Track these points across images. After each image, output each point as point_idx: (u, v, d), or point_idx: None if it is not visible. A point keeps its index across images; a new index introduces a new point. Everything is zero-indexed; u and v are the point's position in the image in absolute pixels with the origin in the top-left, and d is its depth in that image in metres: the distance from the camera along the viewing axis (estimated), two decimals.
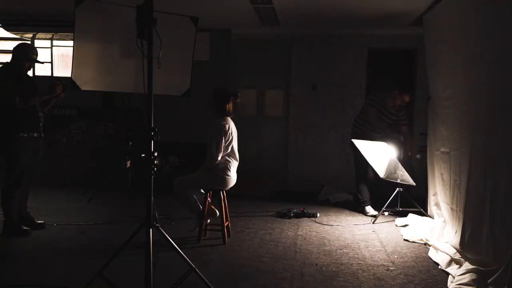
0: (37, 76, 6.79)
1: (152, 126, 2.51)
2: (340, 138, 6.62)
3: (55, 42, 6.97)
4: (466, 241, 3.37)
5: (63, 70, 6.96)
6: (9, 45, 7.10)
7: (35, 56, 4.00)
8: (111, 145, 6.55)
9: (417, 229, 4.32)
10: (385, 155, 4.93)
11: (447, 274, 3.23)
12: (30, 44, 4.20)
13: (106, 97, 6.29)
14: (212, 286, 2.67)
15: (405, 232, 4.34)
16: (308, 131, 6.73)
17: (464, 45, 3.66)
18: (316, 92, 6.68)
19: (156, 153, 2.51)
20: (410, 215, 4.77)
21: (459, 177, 3.69)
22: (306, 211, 5.02)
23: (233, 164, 3.98)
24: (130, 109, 5.69)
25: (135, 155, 5.37)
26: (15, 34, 6.94)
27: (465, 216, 3.45)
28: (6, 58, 6.76)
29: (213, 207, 4.06)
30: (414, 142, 6.25)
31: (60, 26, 6.51)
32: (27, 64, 3.97)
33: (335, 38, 6.58)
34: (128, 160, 5.38)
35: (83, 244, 3.81)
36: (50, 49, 6.96)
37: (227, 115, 3.97)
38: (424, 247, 3.94)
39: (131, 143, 5.56)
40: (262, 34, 6.69)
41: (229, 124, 3.94)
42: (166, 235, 2.60)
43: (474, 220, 3.27)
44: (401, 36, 6.41)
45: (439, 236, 3.93)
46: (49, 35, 6.93)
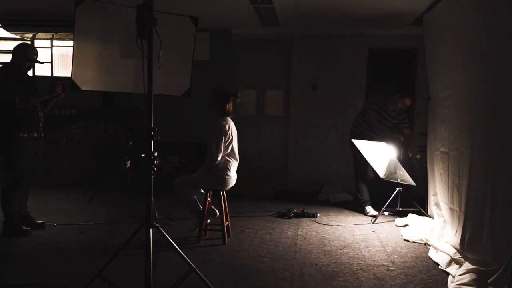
0: (37, 76, 6.79)
1: (152, 126, 2.51)
2: (340, 138, 6.62)
3: (55, 42, 6.97)
4: (466, 241, 3.37)
5: (63, 70, 6.95)
6: (9, 45, 7.10)
7: (35, 56, 4.00)
8: (111, 145, 6.55)
9: (417, 229, 4.32)
10: (385, 155, 4.93)
11: (447, 274, 3.23)
12: (30, 44, 4.20)
13: (106, 97, 6.30)
14: (212, 286, 2.67)
15: (405, 232, 4.34)
16: (308, 131, 6.73)
17: (464, 45, 3.66)
18: (316, 92, 6.68)
19: (156, 153, 2.51)
20: (410, 215, 4.77)
21: (459, 177, 3.69)
22: (306, 211, 5.02)
23: (233, 164, 3.98)
24: (130, 109, 5.70)
25: (135, 155, 5.37)
26: (15, 34, 6.94)
27: (465, 216, 3.45)
28: (6, 58, 6.76)
29: (213, 207, 4.06)
30: (414, 142, 6.25)
31: (60, 26, 6.51)
32: (27, 64, 3.97)
33: (335, 38, 6.59)
34: (128, 160, 5.38)
35: (83, 244, 3.81)
36: (50, 49, 6.96)
37: (227, 115, 3.97)
38: (424, 247, 3.94)
39: (131, 143, 5.56)
40: (262, 34, 6.69)
41: (229, 124, 3.94)
42: (166, 235, 2.60)
43: (474, 220, 3.27)
44: (401, 36, 6.41)
45: (439, 236, 3.93)
46: (49, 35, 6.93)
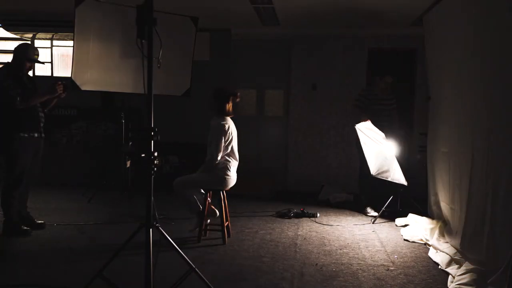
0: (37, 76, 6.79)
1: (152, 126, 2.51)
2: (340, 138, 6.62)
3: (55, 42, 6.97)
4: (466, 241, 3.37)
5: (63, 70, 6.95)
6: (9, 45, 7.10)
7: (36, 56, 4.00)
8: (111, 145, 6.55)
9: (417, 229, 4.32)
10: (382, 151, 4.89)
11: (447, 274, 3.23)
12: (31, 44, 4.20)
13: (106, 97, 6.29)
14: (212, 286, 2.67)
15: (405, 232, 4.34)
16: (308, 131, 6.73)
17: (464, 44, 3.66)
18: (316, 92, 6.68)
19: (156, 153, 2.51)
20: (410, 215, 4.77)
21: (459, 177, 3.69)
22: (306, 211, 5.02)
23: (233, 164, 3.98)
24: (130, 109, 5.70)
25: (135, 155, 5.37)
26: (15, 34, 6.94)
27: (465, 216, 3.45)
28: (6, 58, 6.76)
29: (213, 207, 4.06)
30: (415, 142, 6.26)
31: (60, 26, 6.51)
32: (28, 64, 3.97)
33: (335, 38, 6.59)
34: (128, 160, 5.38)
35: (83, 244, 3.81)
36: (50, 49, 6.96)
37: (227, 115, 3.97)
38: (424, 247, 3.94)
39: (131, 143, 5.56)
40: (262, 34, 6.69)
41: (229, 124, 3.94)
42: (166, 235, 2.60)
43: (474, 220, 3.27)
44: (401, 36, 6.41)
45: (439, 236, 3.93)
46: (49, 35, 6.93)
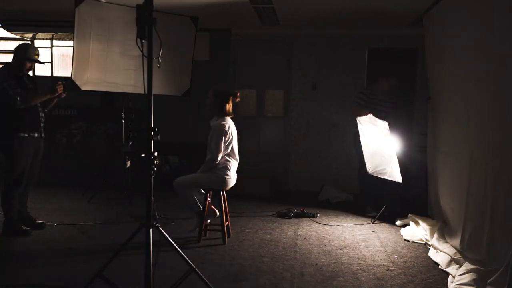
0: (37, 76, 6.79)
1: (152, 126, 2.51)
2: (340, 138, 6.62)
3: (55, 42, 6.97)
4: (466, 241, 3.37)
5: (63, 70, 6.95)
6: (9, 45, 7.10)
7: (36, 56, 4.00)
8: (111, 145, 6.55)
9: (417, 229, 4.32)
10: (380, 149, 4.78)
11: (447, 274, 3.23)
12: (31, 44, 4.20)
13: (106, 97, 6.29)
14: (212, 286, 2.67)
15: (405, 232, 4.34)
16: (308, 131, 6.73)
17: (464, 44, 3.66)
18: (316, 92, 6.68)
19: (156, 153, 2.51)
20: (410, 215, 4.76)
21: (459, 177, 3.69)
22: (306, 211, 5.02)
23: (233, 164, 3.98)
24: (130, 109, 5.70)
25: (135, 155, 5.37)
26: (15, 34, 6.94)
27: (465, 216, 3.45)
28: (6, 58, 6.76)
29: (213, 207, 4.06)
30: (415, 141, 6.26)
31: (60, 26, 6.51)
32: (28, 64, 3.97)
33: (335, 38, 6.59)
34: (128, 160, 5.38)
35: (83, 244, 3.81)
36: (50, 49, 6.96)
37: (227, 115, 3.97)
38: (424, 247, 3.94)
39: (131, 143, 5.56)
40: (262, 34, 6.69)
41: (229, 124, 3.94)
42: (166, 235, 2.60)
43: (474, 220, 3.27)
44: (401, 36, 6.41)
45: (439, 236, 3.93)
46: (49, 35, 6.93)
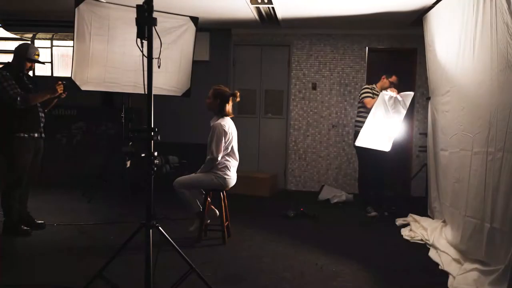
0: (37, 76, 6.79)
1: (152, 126, 2.51)
2: (340, 138, 6.63)
3: (55, 42, 6.97)
4: (466, 241, 3.37)
5: (63, 70, 6.96)
6: (9, 45, 7.10)
7: (36, 56, 4.00)
8: (111, 145, 6.55)
9: (417, 229, 4.32)
10: (384, 126, 4.79)
11: (447, 274, 3.23)
12: (31, 44, 4.19)
13: (106, 97, 6.29)
14: (212, 286, 2.67)
15: (405, 232, 4.34)
16: (308, 131, 6.73)
17: (464, 44, 3.66)
18: (316, 92, 6.68)
19: (156, 153, 2.51)
20: (410, 215, 4.77)
21: (459, 177, 3.69)
22: (306, 211, 5.02)
23: (233, 164, 3.98)
24: (130, 109, 5.69)
25: (135, 155, 5.37)
26: (15, 34, 6.94)
27: (465, 216, 3.45)
28: (6, 58, 6.76)
29: (213, 207, 4.06)
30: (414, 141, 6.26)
31: (60, 26, 6.52)
32: (28, 64, 3.96)
33: (335, 38, 6.59)
34: (128, 160, 5.38)
35: (83, 244, 3.81)
36: (50, 49, 6.96)
37: (227, 115, 3.97)
38: (424, 247, 3.94)
39: (131, 143, 5.56)
40: (262, 34, 6.70)
41: (228, 124, 3.94)
42: (166, 235, 2.60)
43: (474, 220, 3.27)
44: (401, 36, 6.42)
45: (439, 236, 3.93)
46: (49, 35, 6.93)
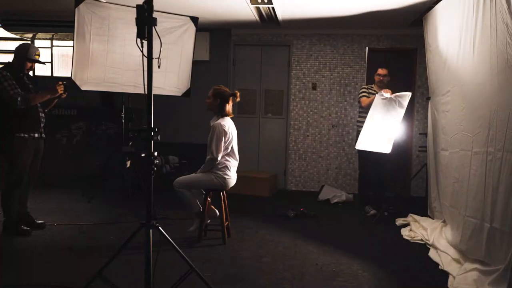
0: (37, 76, 6.79)
1: (152, 126, 2.51)
2: (340, 138, 6.63)
3: (55, 42, 6.97)
4: (466, 241, 3.37)
5: (63, 70, 6.96)
6: (9, 45, 7.10)
7: (37, 56, 4.00)
8: (111, 145, 6.54)
9: (417, 229, 4.32)
10: (381, 128, 4.77)
11: (447, 274, 3.23)
12: (32, 44, 4.18)
13: (106, 97, 6.29)
14: (212, 286, 2.67)
15: (405, 232, 4.34)
16: (308, 131, 6.73)
17: (464, 44, 3.66)
18: (316, 92, 6.69)
19: (156, 153, 2.51)
20: (410, 215, 4.77)
21: (459, 177, 3.69)
22: (306, 211, 5.02)
23: (233, 164, 3.98)
24: (130, 109, 5.70)
25: (135, 155, 5.37)
26: (15, 34, 6.94)
27: (465, 216, 3.45)
28: (6, 58, 6.76)
29: (213, 207, 4.06)
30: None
31: (60, 26, 6.52)
32: (29, 64, 3.96)
33: (335, 38, 6.59)
34: (128, 160, 5.38)
35: (83, 244, 3.81)
36: (50, 49, 6.96)
37: (227, 115, 3.97)
38: (424, 247, 3.94)
39: (131, 143, 5.56)
40: (262, 34, 6.70)
41: (228, 124, 3.94)
42: (166, 235, 2.60)
43: (474, 220, 3.27)
44: (401, 36, 6.42)
45: (439, 236, 3.93)
46: (49, 35, 6.93)
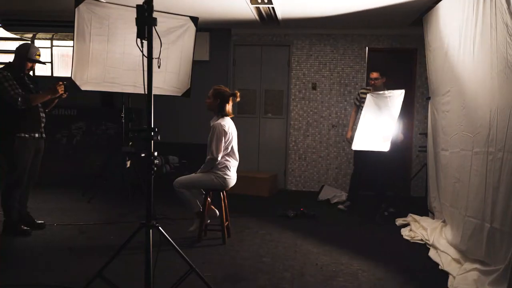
0: (37, 76, 6.79)
1: (152, 126, 2.51)
2: (340, 138, 6.62)
3: (55, 42, 6.97)
4: (466, 241, 3.37)
5: (63, 70, 6.96)
6: (9, 45, 7.10)
7: (37, 56, 4.00)
8: (111, 145, 6.54)
9: (417, 229, 4.32)
10: (376, 125, 4.86)
11: (447, 274, 3.23)
12: (32, 44, 4.18)
13: (106, 97, 6.29)
14: (212, 286, 2.67)
15: (405, 232, 4.34)
16: (308, 131, 6.73)
17: (464, 44, 3.66)
18: (316, 92, 6.69)
19: (156, 153, 2.51)
20: (410, 215, 4.77)
21: (459, 177, 3.69)
22: (306, 211, 5.02)
23: (233, 164, 3.98)
24: (130, 109, 5.70)
25: (135, 155, 5.37)
26: (15, 34, 6.94)
27: (465, 216, 3.45)
28: (6, 58, 6.76)
29: (213, 207, 4.06)
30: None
31: (60, 26, 6.52)
32: (29, 64, 3.96)
33: (335, 38, 6.59)
34: (128, 160, 5.38)
35: (83, 244, 3.81)
36: (50, 49, 6.96)
37: (227, 115, 3.97)
38: (424, 247, 3.94)
39: (131, 143, 5.56)
40: (262, 34, 6.70)
41: (228, 124, 3.94)
42: (166, 235, 2.60)
43: (474, 220, 3.27)
44: (401, 36, 6.42)
45: (439, 236, 3.93)
46: (49, 35, 6.94)
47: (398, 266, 3.41)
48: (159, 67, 2.58)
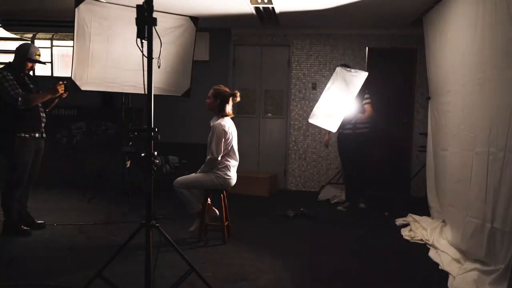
0: (37, 76, 6.79)
1: (152, 126, 2.51)
2: None
3: (55, 42, 6.97)
4: (466, 241, 3.37)
5: (63, 70, 6.96)
6: (9, 45, 7.10)
7: (37, 56, 3.99)
8: (111, 145, 6.54)
9: (417, 229, 4.32)
10: (336, 101, 5.00)
11: (447, 274, 3.23)
12: (32, 44, 4.18)
13: (106, 97, 6.29)
14: (212, 286, 2.67)
15: (405, 232, 4.34)
16: (308, 131, 6.73)
17: (464, 44, 3.66)
18: (316, 92, 6.68)
19: (156, 153, 2.51)
20: (410, 215, 4.77)
21: (459, 176, 3.69)
22: (306, 211, 5.02)
23: (233, 164, 3.98)
24: (130, 109, 5.70)
25: (135, 155, 5.37)
26: (15, 34, 6.94)
27: (466, 216, 3.45)
28: (6, 58, 6.76)
29: (213, 207, 4.06)
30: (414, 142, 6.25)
31: (60, 26, 6.52)
32: (30, 64, 3.96)
33: (335, 38, 6.59)
34: (128, 160, 5.38)
35: (83, 244, 3.81)
36: (50, 49, 6.96)
37: (227, 115, 3.97)
38: (424, 247, 3.94)
39: (131, 143, 5.56)
40: (262, 34, 6.70)
41: (228, 124, 3.93)
42: (166, 235, 2.60)
43: (474, 220, 3.27)
44: (401, 36, 6.42)
45: (439, 236, 3.93)
46: (49, 35, 6.93)
47: (398, 266, 3.41)
48: (159, 67, 2.58)
